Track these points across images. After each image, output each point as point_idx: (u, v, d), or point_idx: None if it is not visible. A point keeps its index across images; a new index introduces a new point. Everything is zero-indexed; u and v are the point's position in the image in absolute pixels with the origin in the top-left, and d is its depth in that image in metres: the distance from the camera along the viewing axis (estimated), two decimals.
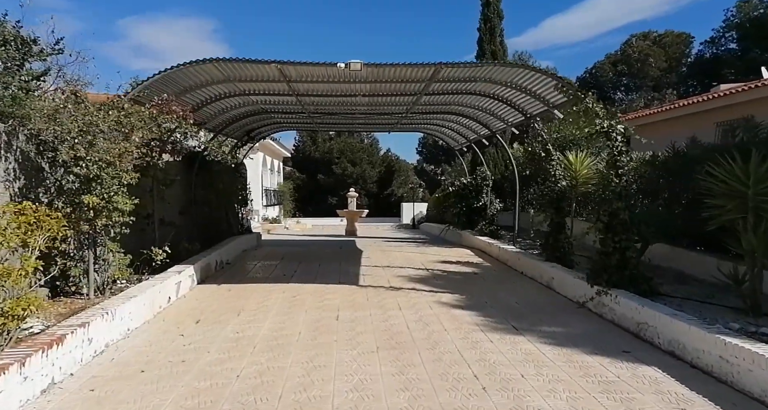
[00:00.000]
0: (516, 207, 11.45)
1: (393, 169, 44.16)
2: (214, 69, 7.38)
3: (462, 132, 14.10)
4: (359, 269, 10.48)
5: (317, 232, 22.56)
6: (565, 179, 8.71)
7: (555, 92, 7.67)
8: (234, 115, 11.44)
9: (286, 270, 10.40)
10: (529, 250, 10.97)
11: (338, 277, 9.56)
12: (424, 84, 8.67)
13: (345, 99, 10.21)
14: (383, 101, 10.50)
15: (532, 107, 9.14)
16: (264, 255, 12.55)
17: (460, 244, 14.73)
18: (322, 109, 11.59)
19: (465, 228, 15.08)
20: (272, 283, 8.95)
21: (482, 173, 14.04)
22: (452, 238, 15.95)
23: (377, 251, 13.42)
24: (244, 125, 12.74)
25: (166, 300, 7.16)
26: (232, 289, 8.43)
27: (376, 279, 9.36)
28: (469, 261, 11.31)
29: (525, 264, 9.61)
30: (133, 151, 6.33)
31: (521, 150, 16.58)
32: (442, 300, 7.58)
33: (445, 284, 8.84)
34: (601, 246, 6.63)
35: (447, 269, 10.37)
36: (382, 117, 12.99)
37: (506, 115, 10.48)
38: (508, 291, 8.14)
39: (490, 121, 11.76)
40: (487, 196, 13.74)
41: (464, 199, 15.19)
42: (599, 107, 6.55)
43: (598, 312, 6.56)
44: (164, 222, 9.25)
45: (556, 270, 8.20)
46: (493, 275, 9.75)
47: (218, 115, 10.45)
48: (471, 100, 10.41)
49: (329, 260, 11.74)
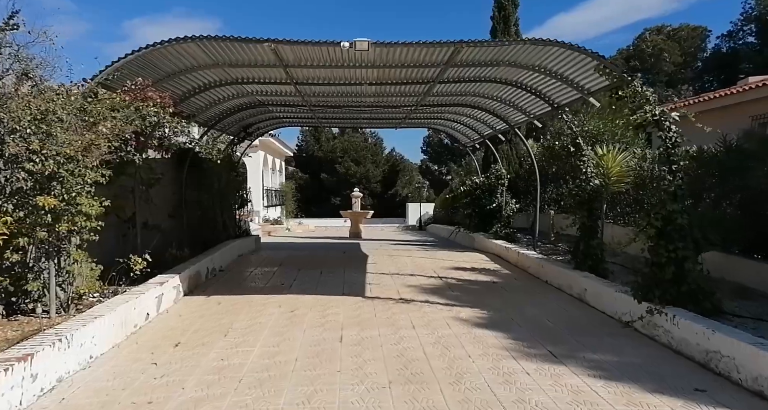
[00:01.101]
0: (536, 208, 10.45)
1: (397, 168, 43.24)
2: (198, 50, 6.41)
3: (475, 127, 13.10)
4: (365, 277, 9.50)
5: (320, 234, 21.60)
6: (597, 177, 7.70)
7: (593, 76, 6.66)
8: (227, 108, 10.48)
9: (285, 278, 9.43)
10: (551, 256, 9.97)
11: (342, 287, 8.59)
12: (439, 69, 7.68)
13: (349, 88, 9.24)
14: (392, 91, 9.51)
15: (561, 95, 8.12)
16: (261, 261, 11.58)
17: (472, 248, 13.73)
18: (325, 101, 10.62)
19: (477, 231, 14.09)
20: (268, 294, 7.98)
21: (497, 171, 13.04)
22: (463, 241, 14.95)
23: (384, 256, 12.44)
24: (239, 120, 11.79)
25: (144, 317, 6.20)
26: (223, 302, 7.46)
27: (384, 289, 8.38)
28: (486, 268, 10.31)
29: (550, 273, 8.61)
30: (102, 144, 5.37)
31: (535, 147, 15.59)
32: (461, 316, 6.59)
33: (461, 296, 7.85)
34: (652, 256, 5.63)
35: (462, 277, 9.38)
36: (390, 111, 12.02)
37: (529, 105, 9.47)
38: (536, 305, 7.15)
39: (509, 114, 10.74)
40: (502, 197, 12.74)
41: (476, 200, 14.19)
42: (649, 91, 5.56)
43: (650, 334, 5.55)
44: (148, 226, 8.30)
45: (589, 280, 7.20)
46: (515, 285, 8.75)
47: (209, 107, 9.49)
48: (490, 89, 9.41)
49: (332, 266, 10.77)
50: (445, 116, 12.96)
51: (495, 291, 8.27)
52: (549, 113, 9.30)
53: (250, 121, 12.38)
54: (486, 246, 12.72)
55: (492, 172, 13.28)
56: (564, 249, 10.79)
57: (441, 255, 12.48)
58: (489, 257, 11.78)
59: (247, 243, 13.13)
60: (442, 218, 22.40)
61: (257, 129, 13.59)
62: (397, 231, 23.31)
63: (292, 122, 14.57)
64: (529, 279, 9.20)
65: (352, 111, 11.96)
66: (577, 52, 6.00)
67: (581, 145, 7.81)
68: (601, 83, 6.70)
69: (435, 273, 9.75)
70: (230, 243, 11.44)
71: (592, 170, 7.71)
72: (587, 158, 7.76)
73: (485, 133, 13.29)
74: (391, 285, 8.67)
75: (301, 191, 37.63)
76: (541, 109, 9.23)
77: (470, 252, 12.95)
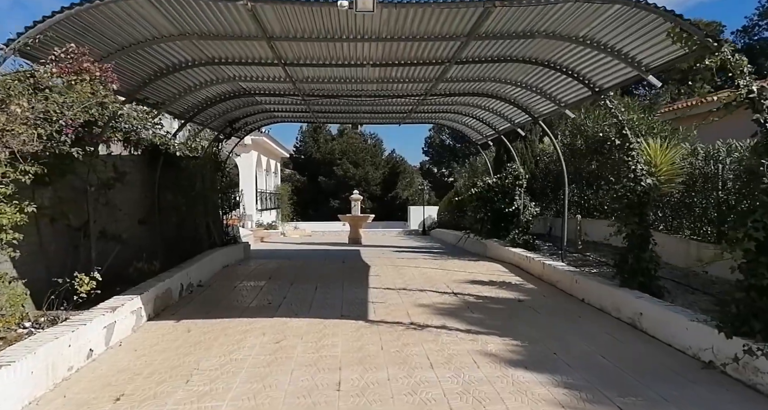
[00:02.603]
0: (564, 212, 9.08)
1: (397, 170, 41.97)
2: (154, 11, 4.99)
3: (490, 120, 11.72)
4: (367, 293, 8.13)
5: (317, 240, 20.23)
6: (650, 175, 6.34)
7: (656, 46, 5.32)
8: (207, 98, 9.11)
9: (274, 294, 8.06)
10: (583, 268, 8.60)
11: (341, 307, 7.22)
12: (458, 43, 6.31)
13: (349, 72, 7.87)
14: (398, 76, 8.15)
15: (607, 75, 6.72)
16: (249, 273, 10.19)
17: (485, 257, 12.36)
18: (320, 90, 9.25)
19: (490, 237, 12.72)
20: (251, 317, 6.61)
21: (513, 171, 11.67)
22: (473, 248, 13.58)
23: (388, 266, 11.05)
24: (223, 112, 10.41)
25: (84, 356, 4.82)
26: (194, 329, 6.08)
27: (390, 309, 7.02)
28: (506, 282, 8.94)
29: (588, 290, 7.25)
30: (16, 130, 4.00)
31: (551, 144, 14.24)
32: (490, 350, 5.23)
33: (485, 319, 6.49)
34: (747, 277, 4.27)
35: (481, 293, 8.01)
36: (394, 103, 10.66)
37: (562, 91, 8.08)
38: (580, 334, 5.78)
39: (533, 103, 9.37)
40: (520, 199, 11.37)
41: (489, 203, 12.82)
42: (744, 61, 4.22)
43: (748, 380, 4.19)
44: (107, 234, 6.92)
45: (646, 303, 5.83)
46: (545, 304, 7.38)
47: (183, 94, 8.12)
48: (515, 72, 8.04)
49: (329, 279, 9.39)
50: (457, 108, 11.59)
51: (523, 312, 6.90)
52: (585, 100, 7.94)
53: (235, 114, 11.01)
54: (501, 254, 11.36)
55: (508, 171, 11.92)
56: (595, 259, 9.43)
57: (452, 265, 11.10)
58: (506, 267, 10.41)
59: (235, 251, 11.75)
60: (447, 222, 21.05)
61: (245, 124, 12.22)
62: (399, 237, 21.95)
63: (285, 117, 13.20)
64: (561, 296, 7.83)
65: (351, 103, 10.59)
66: (645, 10, 4.62)
67: (628, 135, 6.45)
68: (670, 54, 5.33)
69: (448, 288, 8.38)
70: (213, 252, 10.05)
71: (642, 167, 6.34)
72: (636, 153, 6.40)
73: (500, 128, 11.93)
74: (398, 305, 7.30)
75: (298, 194, 36.28)
76: (576, 95, 7.86)
77: (484, 261, 11.58)
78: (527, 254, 9.97)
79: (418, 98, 9.73)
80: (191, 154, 10.92)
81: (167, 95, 7.90)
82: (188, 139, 11.10)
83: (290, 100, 10.41)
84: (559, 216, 13.83)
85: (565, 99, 8.26)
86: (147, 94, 7.20)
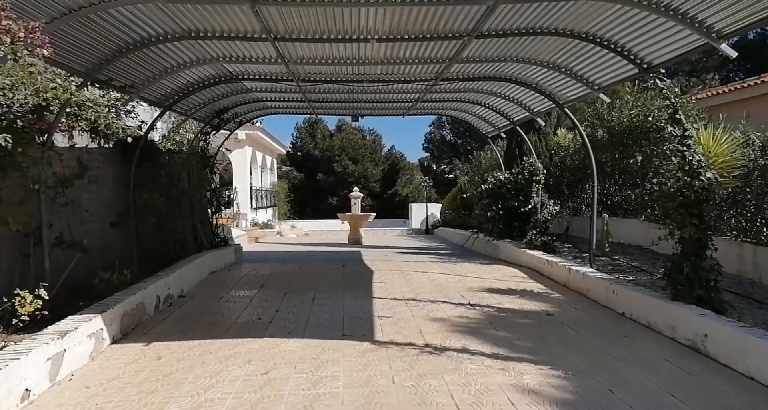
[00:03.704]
0: (593, 211, 8.05)
1: (397, 167, 40.97)
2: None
3: (505, 110, 10.66)
4: (372, 305, 7.12)
5: (315, 240, 19.22)
6: (709, 168, 5.32)
7: (737, 5, 4.27)
8: (189, 82, 8.04)
9: (264, 307, 7.03)
10: (617, 275, 7.59)
11: (342, 323, 6.21)
12: (485, 8, 5.21)
13: (350, 49, 6.81)
14: (407, 55, 7.09)
15: (661, 48, 5.61)
16: (238, 280, 9.16)
17: (497, 259, 11.36)
18: (317, 73, 8.21)
19: (502, 238, 11.72)
20: (237, 338, 5.59)
21: (530, 165, 10.62)
22: (484, 250, 12.59)
23: (393, 271, 10.02)
24: (210, 101, 9.35)
25: (17, 399, 3.79)
26: (166, 354, 5.05)
27: (400, 326, 6.00)
28: (528, 290, 7.93)
29: (629, 303, 6.23)
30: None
31: (569, 136, 13.23)
32: (527, 384, 4.22)
33: (512, 339, 5.48)
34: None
35: (501, 305, 7.00)
36: (400, 90, 9.61)
37: (598, 71, 6.96)
38: (633, 361, 4.76)
39: (558, 88, 8.31)
40: (537, 196, 10.33)
41: (501, 200, 11.81)
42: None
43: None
44: (64, 241, 5.88)
45: (711, 322, 4.82)
46: (579, 318, 6.36)
47: (158, 77, 7.05)
48: (541, 49, 6.95)
49: (328, 287, 8.37)
50: (468, 97, 10.53)
51: (555, 329, 5.89)
52: (626, 80, 6.89)
53: (223, 103, 9.94)
54: (516, 257, 10.35)
55: (524, 166, 10.87)
56: (628, 265, 8.42)
57: (462, 269, 10.08)
58: (524, 272, 9.40)
59: (224, 255, 10.71)
60: (451, 221, 20.06)
61: (235, 116, 11.16)
62: (401, 236, 20.95)
63: (279, 108, 12.15)
64: (595, 309, 6.81)
65: (352, 90, 9.56)
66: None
67: (682, 120, 5.42)
68: (757, 14, 4.28)
69: (464, 299, 7.37)
70: (199, 257, 9.01)
71: (700, 158, 5.32)
72: (693, 141, 5.37)
73: (516, 118, 10.88)
74: (409, 319, 6.29)
75: (295, 191, 35.28)
76: (616, 74, 6.78)
77: (497, 264, 10.56)
78: (548, 258, 8.95)
79: (427, 84, 8.68)
80: (174, 147, 9.90)
81: (139, 78, 6.84)
82: (171, 131, 10.06)
83: (284, 87, 9.37)
84: (577, 214, 12.86)
85: (599, 80, 7.19)
86: (112, 74, 6.14)
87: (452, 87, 9.58)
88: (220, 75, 8.09)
